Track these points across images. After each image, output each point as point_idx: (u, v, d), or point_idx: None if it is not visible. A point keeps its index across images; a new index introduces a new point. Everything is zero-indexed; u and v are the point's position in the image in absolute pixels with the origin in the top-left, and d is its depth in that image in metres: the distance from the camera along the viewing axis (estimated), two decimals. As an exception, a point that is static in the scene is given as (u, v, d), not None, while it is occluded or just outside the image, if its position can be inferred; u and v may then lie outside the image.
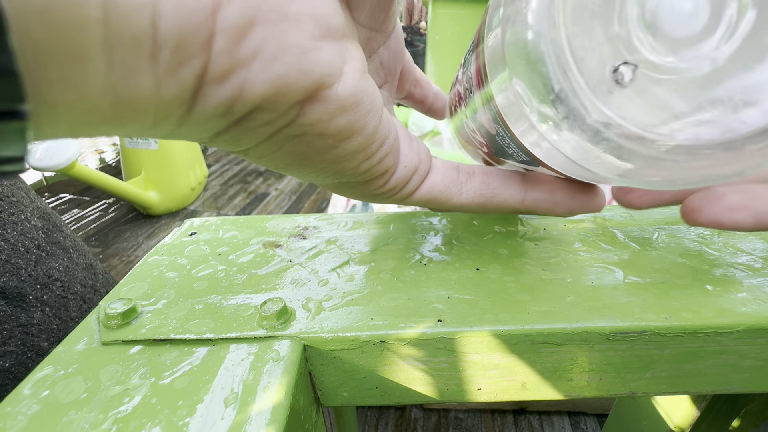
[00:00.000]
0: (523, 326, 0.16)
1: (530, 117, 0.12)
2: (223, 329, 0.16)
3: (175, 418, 0.13)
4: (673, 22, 0.10)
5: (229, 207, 1.47)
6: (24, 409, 0.13)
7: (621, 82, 0.10)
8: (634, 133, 0.11)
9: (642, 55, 0.10)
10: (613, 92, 0.11)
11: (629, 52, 0.10)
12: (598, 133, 0.11)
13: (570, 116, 0.11)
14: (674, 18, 0.10)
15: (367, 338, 0.16)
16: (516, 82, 0.12)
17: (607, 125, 0.11)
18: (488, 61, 0.13)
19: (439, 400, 0.18)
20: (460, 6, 0.94)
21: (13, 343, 0.28)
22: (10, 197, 0.30)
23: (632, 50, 0.10)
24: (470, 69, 0.16)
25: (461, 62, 0.18)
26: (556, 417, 0.67)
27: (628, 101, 0.11)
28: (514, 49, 0.11)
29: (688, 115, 0.11)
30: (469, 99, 0.17)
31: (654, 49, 0.10)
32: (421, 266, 0.20)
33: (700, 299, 0.17)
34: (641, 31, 0.10)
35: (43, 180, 1.60)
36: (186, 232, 0.23)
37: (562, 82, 0.11)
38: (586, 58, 0.10)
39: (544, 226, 0.23)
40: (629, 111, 0.11)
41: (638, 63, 0.10)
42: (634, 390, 0.18)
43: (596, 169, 0.12)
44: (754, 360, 0.17)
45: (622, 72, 0.10)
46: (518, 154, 0.15)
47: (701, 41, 0.10)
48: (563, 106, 0.11)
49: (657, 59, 0.10)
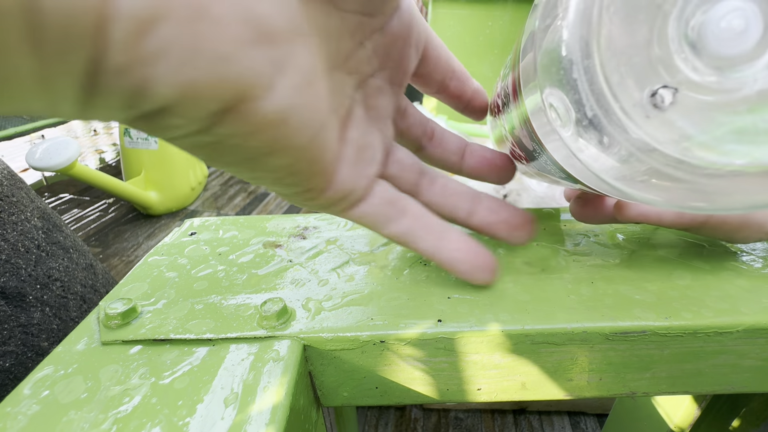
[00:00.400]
0: (523, 326, 0.16)
1: (565, 139, 0.12)
2: (223, 329, 0.16)
3: (175, 418, 0.13)
4: (721, 41, 0.09)
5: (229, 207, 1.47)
6: (24, 409, 0.13)
7: (660, 106, 0.10)
8: (671, 157, 0.10)
9: (684, 77, 0.10)
10: (651, 116, 0.10)
11: (669, 74, 0.10)
12: (633, 156, 0.11)
13: (603, 141, 0.11)
14: (722, 37, 0.09)
15: (367, 338, 0.16)
16: (549, 102, 0.11)
17: (643, 150, 0.10)
18: (522, 80, 0.13)
19: (439, 400, 0.18)
20: (460, 6, 0.94)
21: (13, 343, 0.28)
22: (10, 197, 0.30)
23: (673, 72, 0.10)
24: (507, 84, 0.15)
25: (500, 75, 0.18)
26: (556, 417, 0.67)
27: (667, 125, 0.10)
28: (546, 72, 0.11)
29: (731, 139, 0.10)
30: (506, 113, 0.17)
31: (696, 69, 0.10)
32: (421, 266, 0.20)
33: (700, 299, 0.17)
34: (683, 52, 0.09)
35: (43, 180, 1.60)
36: (186, 232, 0.23)
37: (596, 108, 0.10)
38: (622, 83, 0.10)
39: (544, 226, 0.23)
40: (666, 134, 0.10)
41: (679, 85, 0.10)
42: (634, 390, 0.18)
43: (634, 192, 0.12)
44: (754, 360, 0.17)
45: (661, 95, 0.10)
46: (556, 172, 0.15)
47: (751, 60, 0.09)
48: (596, 132, 0.11)
49: (700, 79, 0.10)
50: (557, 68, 0.11)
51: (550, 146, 0.13)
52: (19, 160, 1.69)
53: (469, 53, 0.97)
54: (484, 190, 0.59)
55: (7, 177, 0.32)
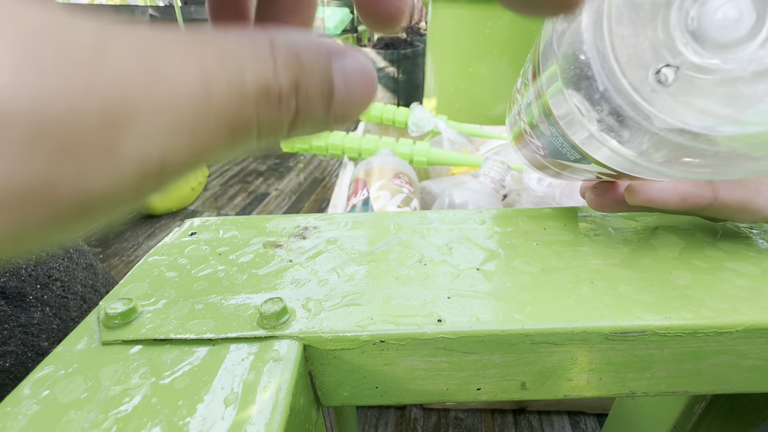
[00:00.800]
0: (523, 326, 0.16)
1: (580, 118, 0.13)
2: (223, 329, 0.16)
3: (175, 418, 0.13)
4: (717, 28, 0.11)
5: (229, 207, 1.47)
6: (24, 408, 0.13)
7: (664, 83, 0.11)
8: (675, 127, 0.12)
9: (685, 58, 0.11)
10: (656, 91, 0.12)
11: (672, 55, 0.11)
12: (642, 126, 0.12)
13: (614, 113, 0.12)
14: (718, 24, 0.11)
15: (367, 338, 0.16)
16: (567, 87, 0.13)
17: (649, 119, 0.12)
18: (542, 68, 0.14)
19: (439, 400, 0.18)
20: (460, 6, 0.94)
21: (13, 343, 0.28)
22: (10, 197, 0.30)
23: (675, 54, 0.11)
24: (528, 76, 0.17)
25: (520, 73, 0.19)
26: (556, 417, 0.67)
27: (672, 100, 0.12)
28: (564, 59, 0.12)
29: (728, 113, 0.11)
30: (527, 107, 0.18)
31: (696, 52, 0.11)
32: (421, 266, 0.20)
33: (699, 299, 0.17)
34: (684, 36, 0.11)
35: (43, 180, 1.60)
36: (186, 232, 0.23)
37: (607, 83, 0.12)
38: (629, 62, 0.11)
39: (544, 226, 0.23)
40: (673, 108, 0.12)
41: (680, 65, 0.11)
42: (633, 390, 0.18)
43: (640, 160, 0.13)
44: (753, 360, 0.17)
45: (665, 73, 0.11)
46: (571, 153, 0.16)
47: (746, 43, 0.11)
48: (607, 104, 0.12)
49: (699, 61, 0.11)
50: (573, 53, 0.12)
51: (570, 130, 0.15)
52: (19, 160, 1.68)
53: (469, 53, 0.97)
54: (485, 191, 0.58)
55: (8, 177, 0.32)
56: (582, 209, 0.25)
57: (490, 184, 0.59)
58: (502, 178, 0.60)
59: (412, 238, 0.22)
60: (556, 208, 0.25)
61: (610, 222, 0.24)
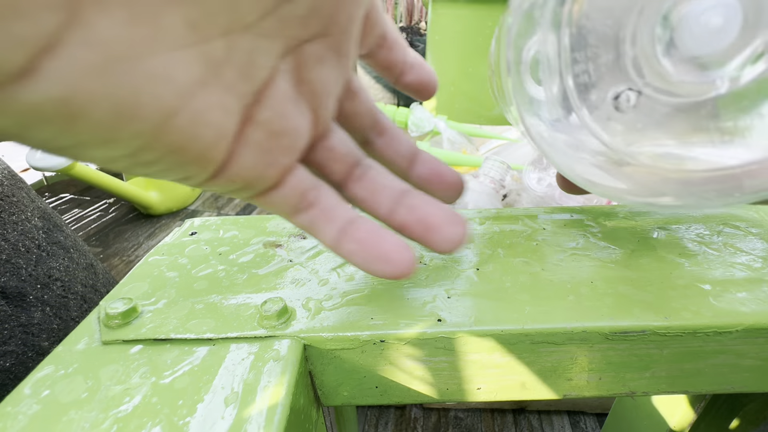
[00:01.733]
0: (522, 326, 0.16)
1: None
2: (224, 329, 0.16)
3: (175, 418, 0.13)
4: (697, 39, 0.09)
5: (230, 207, 1.47)
6: (24, 408, 0.13)
7: (620, 109, 0.10)
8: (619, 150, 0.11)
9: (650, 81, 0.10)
10: (611, 118, 0.10)
11: (638, 75, 0.10)
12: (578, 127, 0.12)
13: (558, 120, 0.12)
14: (698, 34, 0.09)
15: (367, 338, 0.16)
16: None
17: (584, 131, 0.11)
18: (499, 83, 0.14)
19: (439, 400, 0.18)
20: (460, 6, 0.94)
21: (13, 343, 0.28)
22: (10, 197, 0.30)
23: (641, 75, 0.10)
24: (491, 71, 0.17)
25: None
26: (556, 416, 0.67)
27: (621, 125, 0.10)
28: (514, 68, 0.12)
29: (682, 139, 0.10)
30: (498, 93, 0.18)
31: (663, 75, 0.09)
32: (421, 266, 0.20)
33: (699, 299, 0.17)
34: (656, 53, 0.09)
35: (43, 180, 1.60)
36: (186, 232, 0.23)
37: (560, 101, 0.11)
38: (588, 85, 0.10)
39: (544, 225, 0.23)
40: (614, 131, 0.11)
41: (643, 89, 0.10)
42: (633, 390, 0.18)
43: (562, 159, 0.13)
44: (753, 360, 0.17)
45: (627, 96, 0.10)
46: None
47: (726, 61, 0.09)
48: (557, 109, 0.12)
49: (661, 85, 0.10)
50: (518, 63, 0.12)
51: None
52: (19, 160, 1.69)
53: (469, 53, 0.97)
54: (485, 191, 0.58)
55: (8, 177, 0.32)
56: (582, 209, 0.25)
57: (489, 184, 0.59)
58: (501, 178, 0.60)
59: (412, 238, 0.22)
60: (555, 208, 0.25)
61: (610, 222, 0.24)
